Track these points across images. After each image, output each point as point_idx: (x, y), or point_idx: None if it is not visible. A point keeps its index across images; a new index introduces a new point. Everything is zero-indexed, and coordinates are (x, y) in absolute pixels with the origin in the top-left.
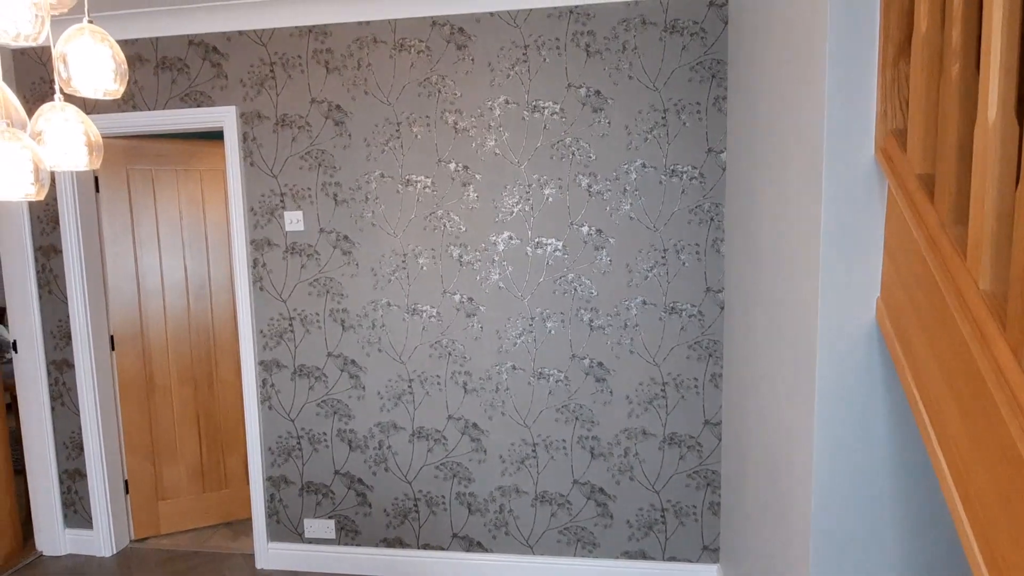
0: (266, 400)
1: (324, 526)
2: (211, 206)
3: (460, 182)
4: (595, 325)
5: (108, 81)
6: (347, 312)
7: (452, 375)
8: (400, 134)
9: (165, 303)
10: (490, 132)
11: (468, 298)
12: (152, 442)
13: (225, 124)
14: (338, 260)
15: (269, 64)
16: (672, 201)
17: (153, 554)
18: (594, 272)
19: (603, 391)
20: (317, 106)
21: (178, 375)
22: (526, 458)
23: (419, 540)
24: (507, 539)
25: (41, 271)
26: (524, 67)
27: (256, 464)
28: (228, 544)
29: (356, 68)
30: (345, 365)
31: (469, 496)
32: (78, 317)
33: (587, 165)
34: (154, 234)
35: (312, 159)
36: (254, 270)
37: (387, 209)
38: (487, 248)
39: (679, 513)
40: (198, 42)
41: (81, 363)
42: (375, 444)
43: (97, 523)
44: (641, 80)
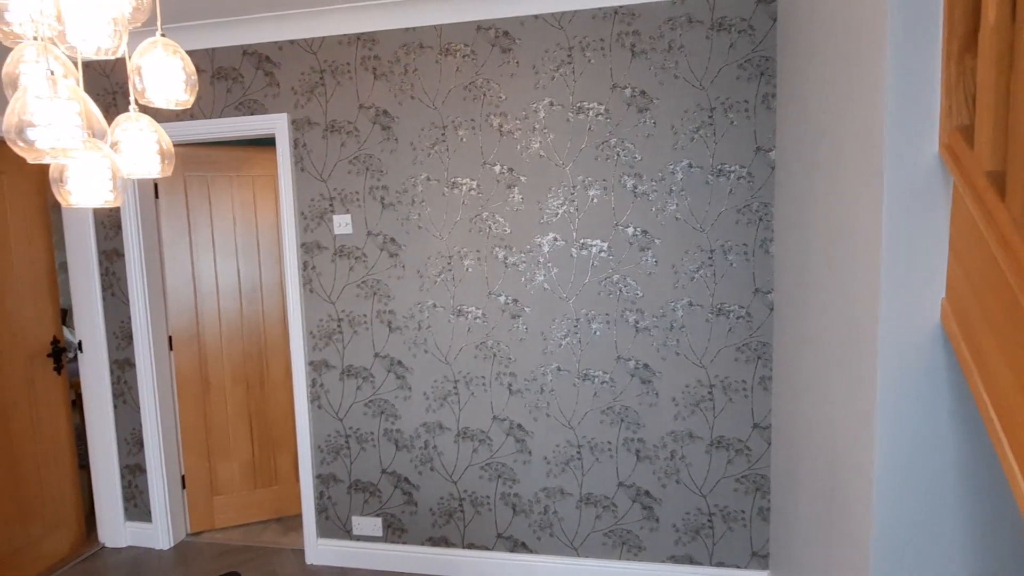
0: (315, 400)
1: (371, 524)
2: (262, 211)
3: (505, 184)
4: (640, 326)
5: (179, 92)
6: (394, 313)
7: (497, 376)
8: (446, 137)
9: (219, 305)
10: (535, 134)
11: (513, 299)
12: (207, 439)
13: (277, 131)
14: (385, 262)
15: (319, 72)
16: (719, 201)
17: (208, 547)
18: (639, 273)
19: (649, 393)
20: (365, 112)
21: (231, 375)
22: (571, 459)
23: (464, 540)
24: (552, 540)
25: (104, 274)
26: (569, 68)
27: (306, 462)
28: (279, 539)
29: (403, 74)
30: (392, 366)
31: (514, 497)
32: (139, 318)
33: (632, 166)
34: (209, 238)
35: (360, 163)
36: (304, 272)
37: (433, 212)
38: (532, 250)
39: (727, 518)
40: (252, 52)
41: (142, 362)
42: (421, 444)
43: (156, 517)
44: (687, 79)
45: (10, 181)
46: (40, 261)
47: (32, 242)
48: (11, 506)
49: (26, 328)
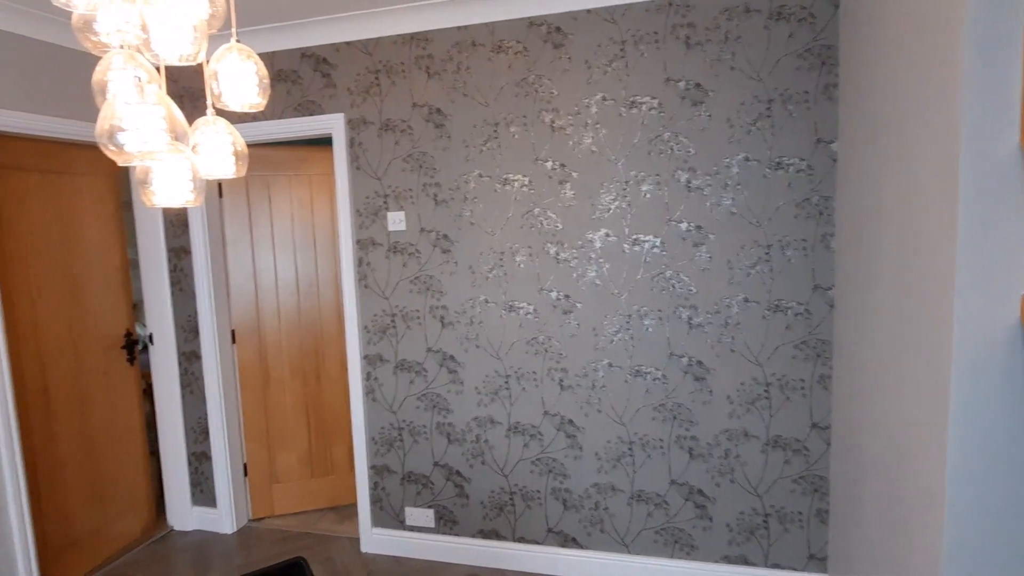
0: (370, 393)
1: (424, 515)
2: (319, 208)
3: (557, 180)
4: (694, 323)
5: (253, 95)
6: (446, 309)
7: (548, 371)
8: (498, 134)
9: (278, 300)
10: (587, 130)
11: (564, 295)
12: (267, 429)
13: (334, 131)
14: (438, 258)
15: (374, 72)
16: (777, 195)
17: (269, 533)
18: (693, 269)
19: (702, 390)
20: (418, 110)
21: (289, 368)
22: (622, 456)
23: (515, 533)
24: (602, 536)
25: (173, 270)
26: (621, 63)
27: (361, 453)
28: (335, 527)
29: (455, 72)
30: (444, 360)
31: (564, 492)
32: (204, 312)
33: (686, 160)
34: (269, 235)
35: (414, 161)
36: (359, 268)
37: (485, 208)
38: (583, 245)
39: (783, 519)
40: (310, 54)
41: (207, 355)
42: (472, 438)
43: (220, 502)
44: (744, 71)
45: (88, 183)
46: (114, 258)
47: (107, 241)
48: (90, 489)
49: (102, 321)
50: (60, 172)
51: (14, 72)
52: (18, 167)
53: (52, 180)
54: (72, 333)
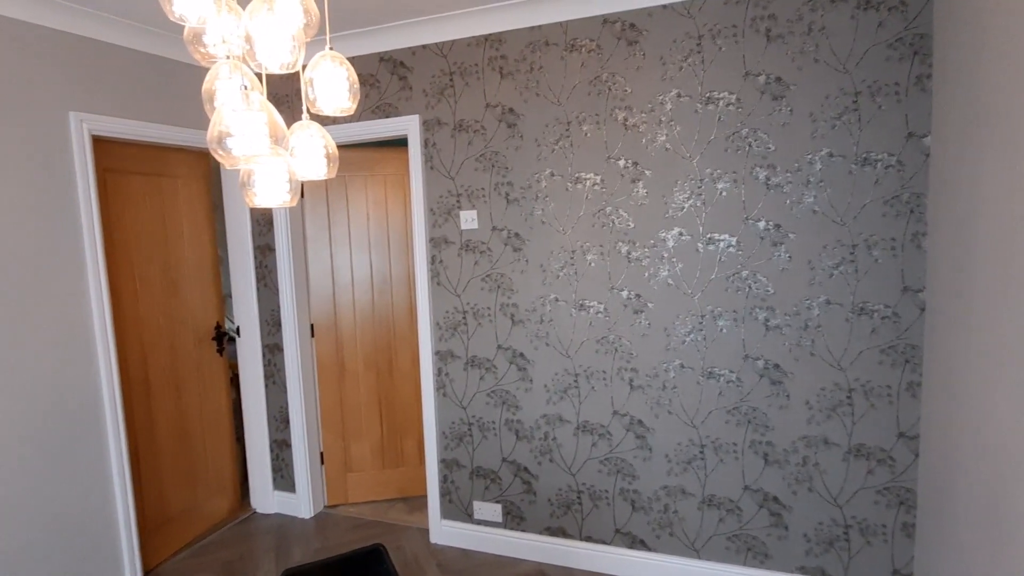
0: (441, 388)
1: (492, 509)
2: (393, 208)
3: (629, 178)
4: (771, 325)
5: (344, 100)
6: (516, 307)
7: (618, 371)
8: (570, 133)
9: (354, 296)
10: (660, 127)
11: (636, 294)
12: (342, 420)
13: (409, 132)
14: (509, 257)
15: (448, 74)
16: (863, 192)
17: (343, 520)
18: (771, 269)
19: (779, 395)
20: (491, 110)
21: (364, 362)
22: (693, 459)
23: (582, 532)
24: (671, 540)
25: (258, 267)
26: (698, 58)
27: (431, 447)
28: (405, 517)
29: (528, 71)
30: (514, 358)
31: (633, 493)
32: (287, 307)
33: (765, 157)
34: (346, 234)
35: (486, 161)
36: (432, 266)
37: (556, 207)
38: (656, 244)
39: (865, 531)
40: (387, 58)
41: (288, 347)
42: (541, 435)
43: (299, 488)
44: (828, 63)
45: (184, 185)
46: (207, 255)
47: (200, 239)
48: (183, 471)
49: (195, 314)
50: (159, 175)
51: (122, 82)
52: (124, 171)
53: (153, 182)
54: (169, 325)
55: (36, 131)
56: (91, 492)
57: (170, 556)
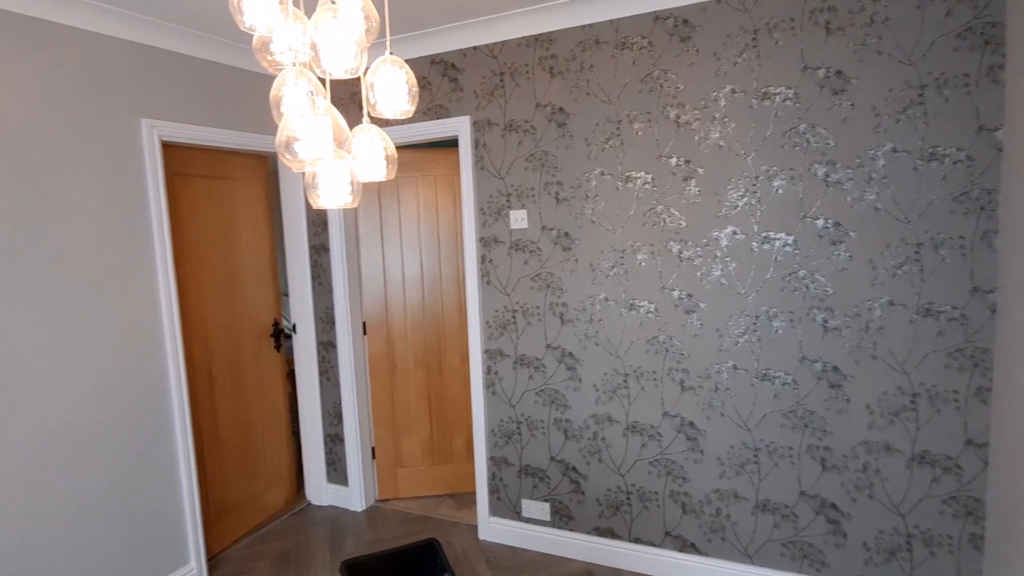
0: (490, 386)
1: (540, 508)
2: (443, 208)
3: (681, 177)
4: (830, 326)
5: (403, 103)
6: (566, 306)
7: (668, 372)
8: (620, 132)
9: (404, 295)
10: (714, 124)
11: (687, 294)
12: (393, 417)
13: (460, 133)
14: (558, 256)
15: (499, 75)
16: (930, 188)
17: (394, 514)
18: (830, 268)
19: (838, 398)
20: (541, 110)
21: (414, 359)
22: (746, 462)
23: (631, 533)
24: (723, 544)
25: (313, 266)
26: (753, 53)
27: (480, 444)
28: (453, 513)
29: (579, 71)
30: (563, 357)
31: (683, 495)
32: (340, 305)
33: (824, 153)
34: (397, 233)
35: (536, 160)
36: (482, 265)
37: (606, 206)
38: (708, 243)
39: (929, 542)
40: (439, 60)
41: (342, 344)
42: (590, 435)
43: (352, 482)
44: (892, 54)
45: (244, 187)
46: (265, 255)
47: (259, 239)
48: (243, 462)
49: (254, 311)
50: (221, 177)
51: (188, 89)
52: (190, 174)
53: (215, 185)
54: (230, 321)
55: (112, 137)
56: (161, 480)
57: (231, 544)
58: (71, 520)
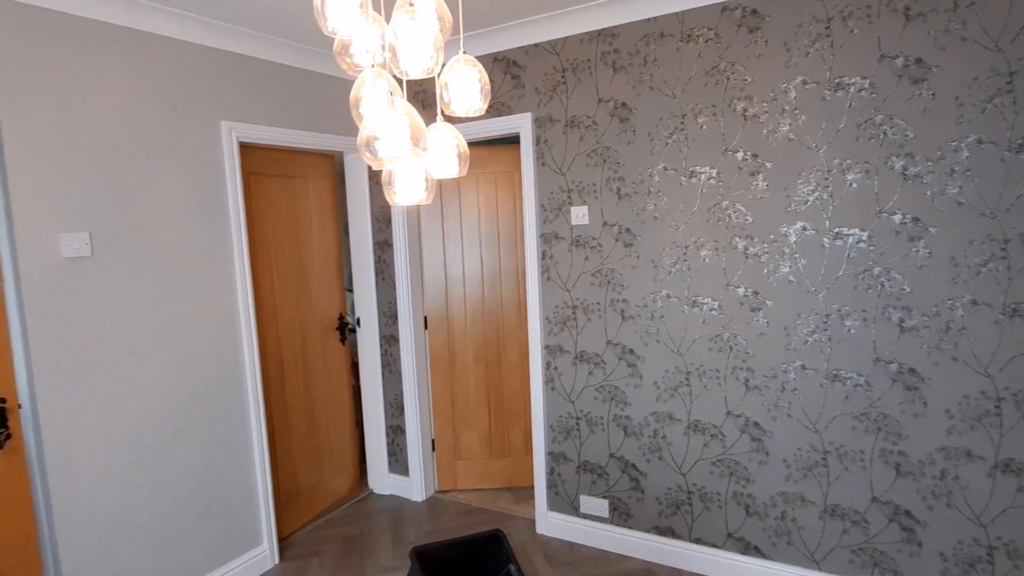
0: (549, 381)
1: (598, 504)
2: (503, 204)
3: (748, 171)
4: (906, 326)
5: (476, 101)
6: (627, 302)
7: (733, 370)
8: (684, 126)
9: (464, 290)
10: (783, 116)
11: (753, 291)
12: (453, 410)
13: (521, 129)
14: (619, 252)
15: (561, 71)
16: (1018, 182)
17: (453, 505)
18: (907, 266)
19: (914, 401)
20: (603, 105)
21: (473, 354)
22: (814, 466)
23: (691, 533)
24: (789, 549)
25: (377, 261)
26: (826, 42)
27: (539, 439)
28: (511, 507)
29: (642, 65)
30: (623, 353)
31: (747, 497)
32: (403, 300)
33: (902, 145)
34: (458, 230)
35: (597, 156)
36: (542, 261)
37: (669, 201)
38: (776, 239)
39: (1014, 554)
40: (501, 58)
41: (404, 338)
42: (650, 432)
43: (412, 472)
44: (978, 40)
45: (313, 185)
46: (331, 250)
47: (326, 235)
48: (310, 450)
49: (321, 305)
50: (292, 176)
51: (263, 92)
52: (263, 173)
53: (287, 183)
54: (299, 314)
55: (194, 139)
56: (237, 464)
57: (299, 527)
58: (160, 499)
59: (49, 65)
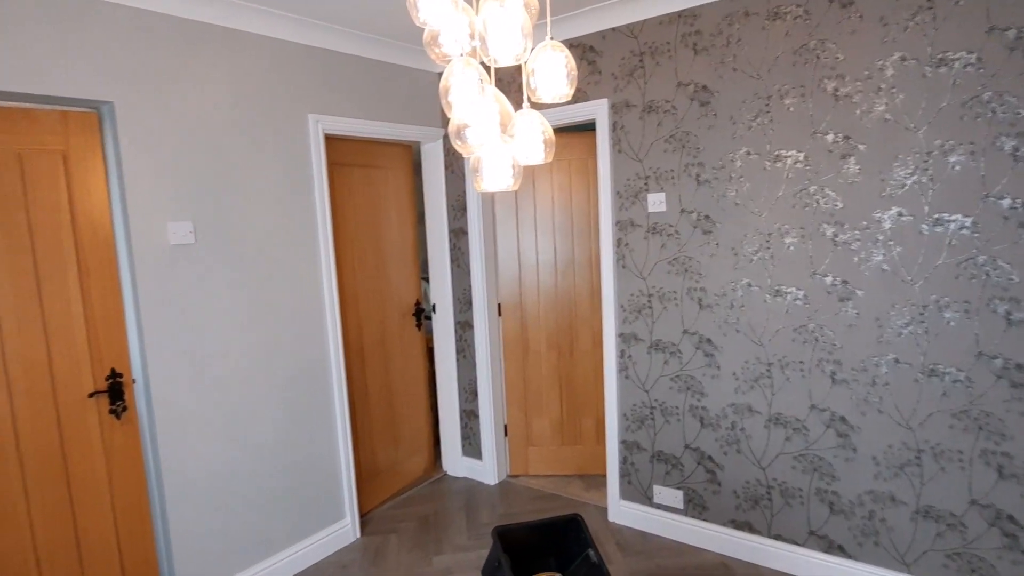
0: (623, 370)
1: (672, 495)
2: (576, 192)
3: (838, 154)
4: (1014, 319)
5: (563, 87)
6: (704, 291)
7: (818, 363)
8: (769, 108)
9: (538, 278)
10: (879, 96)
11: (842, 281)
12: (525, 396)
13: (597, 116)
14: (698, 240)
15: (638, 55)
16: None
17: (524, 490)
18: (1017, 254)
19: (1021, 399)
20: (683, 89)
21: (546, 341)
22: (906, 464)
23: (770, 529)
24: (876, 550)
25: (452, 249)
26: (928, 15)
27: (612, 427)
28: (582, 494)
29: (724, 46)
30: (700, 343)
31: (832, 495)
32: (477, 287)
33: (1013, 124)
34: (532, 218)
35: (676, 142)
36: (618, 249)
37: (752, 187)
38: (869, 226)
39: None
40: (577, 44)
41: (478, 325)
42: (728, 424)
43: (485, 456)
44: None
45: (391, 175)
46: (408, 238)
47: (403, 223)
48: (388, 432)
49: (399, 292)
50: (372, 166)
51: (346, 85)
52: (346, 163)
53: (367, 173)
54: (378, 300)
55: (283, 131)
56: (322, 443)
57: (378, 505)
58: (253, 472)
59: (158, 62)
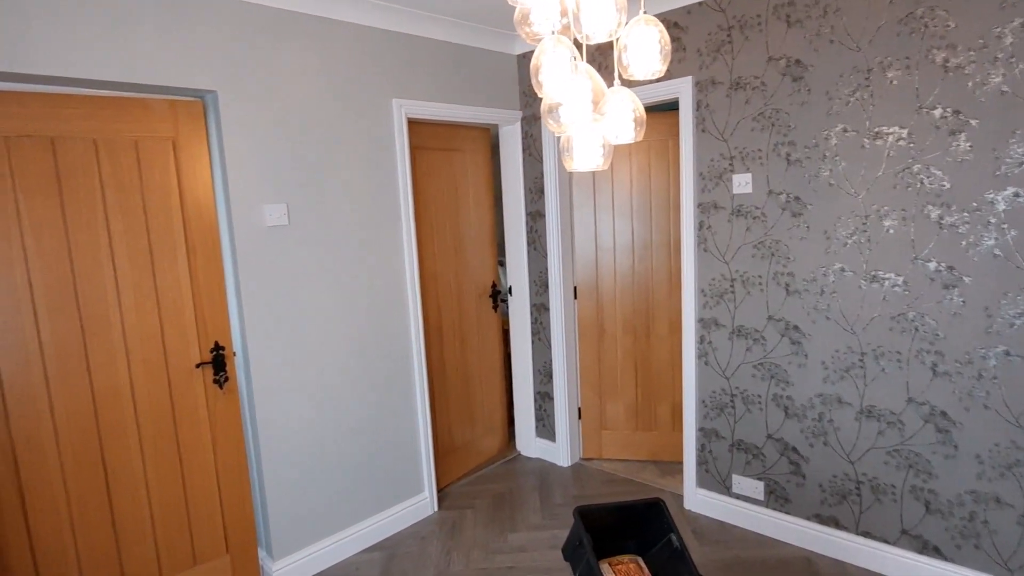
0: (703, 356)
1: (752, 486)
2: (656, 173)
3: (947, 131)
4: None
5: (656, 63)
6: (792, 276)
7: (917, 353)
8: (870, 82)
9: (615, 261)
10: (995, 66)
11: (947, 266)
12: (600, 380)
13: (681, 94)
14: (786, 222)
15: (726, 29)
16: None
17: (597, 473)
18: None
19: None
20: (773, 64)
21: (622, 325)
22: (1014, 464)
23: (858, 526)
24: (977, 553)
25: (529, 232)
26: None
27: (690, 414)
28: (656, 480)
29: (821, 16)
30: (786, 330)
31: (928, 493)
32: (554, 270)
33: None
34: (609, 201)
35: (765, 120)
36: (699, 232)
37: (848, 167)
38: (980, 208)
39: None
40: (661, 20)
41: (554, 307)
42: (814, 415)
43: (559, 438)
44: None
45: (470, 158)
46: (486, 221)
47: (481, 206)
48: (465, 410)
49: (476, 274)
50: (451, 150)
51: (428, 70)
52: (426, 147)
53: (446, 156)
54: (456, 282)
55: (369, 116)
56: (403, 418)
57: (454, 480)
58: (340, 443)
59: (256, 52)
